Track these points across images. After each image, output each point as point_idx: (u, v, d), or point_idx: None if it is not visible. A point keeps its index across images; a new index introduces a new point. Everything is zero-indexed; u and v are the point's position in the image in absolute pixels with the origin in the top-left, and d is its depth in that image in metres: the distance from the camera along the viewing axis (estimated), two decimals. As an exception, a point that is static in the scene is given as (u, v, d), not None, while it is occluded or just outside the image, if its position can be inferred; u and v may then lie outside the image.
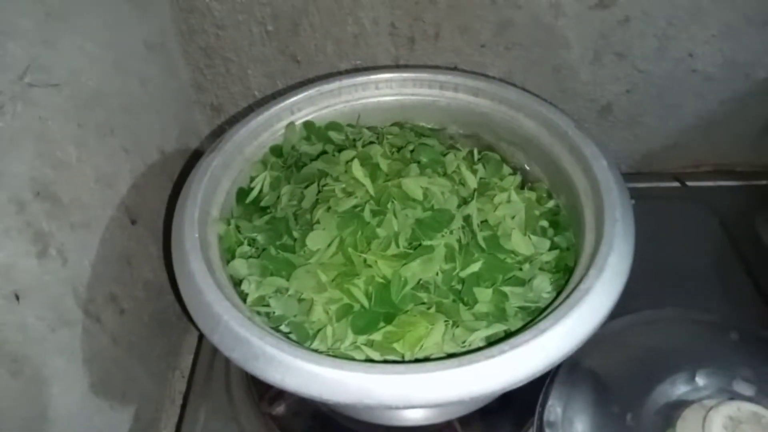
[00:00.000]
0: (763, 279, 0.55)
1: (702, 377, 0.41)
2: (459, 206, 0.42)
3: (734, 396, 0.40)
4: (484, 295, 0.35)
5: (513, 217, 0.41)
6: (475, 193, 0.43)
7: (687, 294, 0.52)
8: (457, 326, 0.35)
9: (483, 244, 0.39)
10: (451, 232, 0.39)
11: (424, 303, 0.36)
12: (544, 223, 0.43)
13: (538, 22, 0.55)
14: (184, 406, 0.52)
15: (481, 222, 0.41)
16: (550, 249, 0.41)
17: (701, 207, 0.62)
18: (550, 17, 0.55)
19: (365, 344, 0.34)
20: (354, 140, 0.47)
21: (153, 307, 0.53)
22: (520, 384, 0.29)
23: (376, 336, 0.34)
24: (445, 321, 0.35)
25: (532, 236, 0.41)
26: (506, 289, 0.36)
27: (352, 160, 0.43)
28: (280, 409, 0.46)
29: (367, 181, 0.41)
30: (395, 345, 0.33)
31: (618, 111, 0.63)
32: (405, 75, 0.49)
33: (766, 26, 0.55)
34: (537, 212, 0.43)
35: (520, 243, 0.40)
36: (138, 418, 0.49)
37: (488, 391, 0.29)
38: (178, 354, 0.59)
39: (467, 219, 0.41)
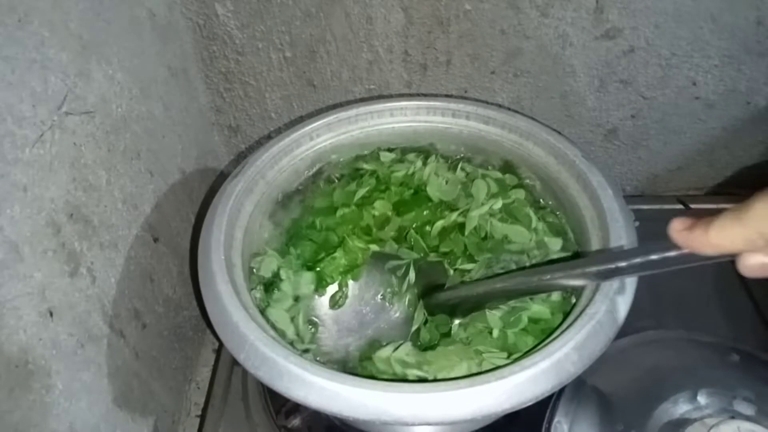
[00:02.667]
0: (764, 302, 0.56)
1: (704, 396, 0.43)
2: None
3: (735, 415, 0.41)
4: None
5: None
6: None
7: (688, 315, 0.53)
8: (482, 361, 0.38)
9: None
10: None
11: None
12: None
13: (545, 52, 0.57)
14: (202, 419, 0.53)
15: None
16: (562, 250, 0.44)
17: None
18: (557, 47, 0.57)
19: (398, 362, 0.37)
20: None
21: (172, 321, 0.55)
22: (530, 403, 0.31)
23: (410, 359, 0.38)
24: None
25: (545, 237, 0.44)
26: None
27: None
28: (296, 422, 0.47)
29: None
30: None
31: (623, 135, 0.65)
32: (419, 103, 0.51)
33: (765, 56, 0.57)
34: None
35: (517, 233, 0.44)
36: (156, 430, 0.51)
37: (499, 410, 0.30)
38: (194, 367, 0.60)
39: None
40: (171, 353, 0.55)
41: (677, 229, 0.27)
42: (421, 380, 0.35)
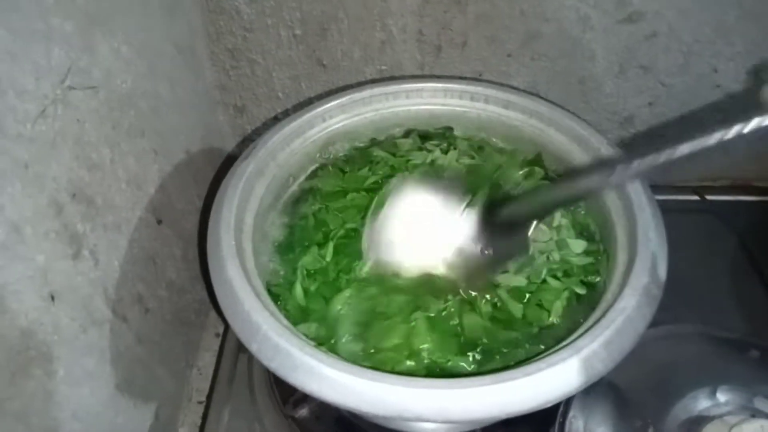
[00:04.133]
0: (782, 297, 0.55)
1: (723, 394, 0.42)
2: None
3: (756, 413, 0.40)
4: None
5: None
6: None
7: (705, 310, 0.52)
8: None
9: None
10: None
11: None
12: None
13: (565, 35, 0.55)
14: (207, 407, 0.52)
15: None
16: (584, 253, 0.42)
17: (720, 221, 0.62)
18: (577, 30, 0.55)
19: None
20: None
21: (175, 305, 0.54)
22: (556, 402, 0.30)
23: None
24: None
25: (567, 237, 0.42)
26: None
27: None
28: (303, 412, 0.46)
29: None
30: None
31: (639, 123, 0.63)
32: (436, 85, 0.50)
33: (792, 45, 0.55)
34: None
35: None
36: (158, 416, 0.50)
37: (525, 408, 0.29)
38: (196, 352, 0.59)
39: None
40: (174, 338, 0.54)
41: None
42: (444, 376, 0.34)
